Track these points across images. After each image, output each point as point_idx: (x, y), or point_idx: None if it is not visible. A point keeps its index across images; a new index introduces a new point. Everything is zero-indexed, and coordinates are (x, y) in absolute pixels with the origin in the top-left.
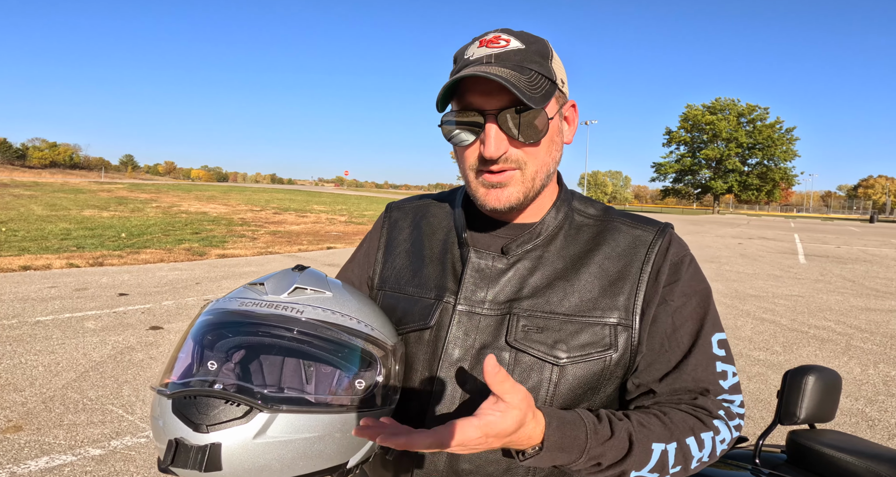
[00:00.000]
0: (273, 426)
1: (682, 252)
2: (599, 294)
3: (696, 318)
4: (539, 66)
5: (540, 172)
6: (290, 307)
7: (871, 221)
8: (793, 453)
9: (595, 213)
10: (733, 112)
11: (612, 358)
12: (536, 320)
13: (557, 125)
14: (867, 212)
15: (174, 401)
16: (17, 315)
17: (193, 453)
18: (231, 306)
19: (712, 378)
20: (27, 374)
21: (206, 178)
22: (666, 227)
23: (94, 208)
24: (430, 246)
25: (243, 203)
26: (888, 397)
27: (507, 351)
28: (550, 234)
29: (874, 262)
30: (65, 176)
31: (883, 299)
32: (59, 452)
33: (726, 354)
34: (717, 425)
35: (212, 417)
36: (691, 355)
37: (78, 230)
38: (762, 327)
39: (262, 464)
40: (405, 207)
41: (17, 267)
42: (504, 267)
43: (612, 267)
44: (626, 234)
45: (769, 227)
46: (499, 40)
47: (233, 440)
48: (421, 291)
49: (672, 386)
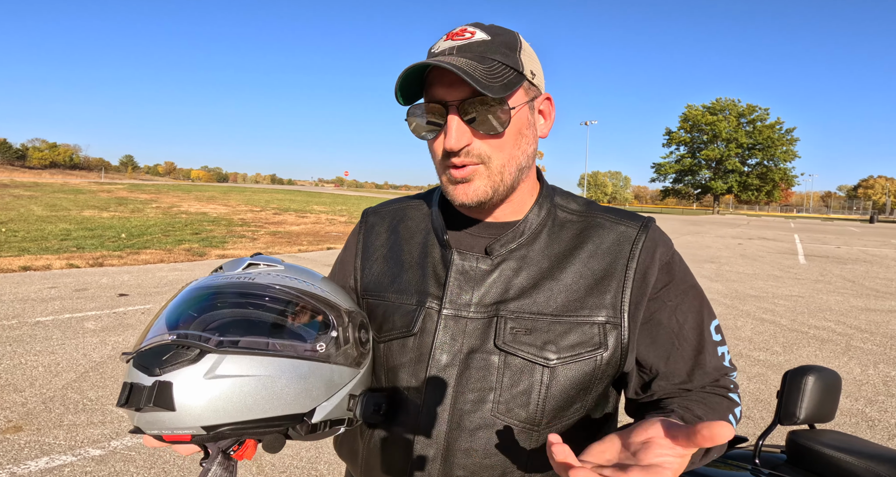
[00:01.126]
0: (223, 365)
1: (668, 251)
2: (586, 293)
3: (694, 311)
4: (503, 57)
5: (508, 166)
6: (241, 276)
7: (870, 222)
8: (793, 453)
9: (577, 208)
10: (733, 112)
11: (602, 357)
12: (524, 322)
13: (527, 117)
14: (867, 212)
15: (135, 358)
16: (17, 315)
17: (145, 392)
18: (192, 285)
19: (720, 363)
20: (27, 374)
21: (206, 178)
22: (648, 221)
23: (94, 209)
24: (408, 250)
25: (243, 203)
26: (888, 397)
27: (496, 354)
28: (534, 232)
29: (874, 262)
30: (65, 176)
31: (883, 299)
32: (59, 453)
33: (721, 337)
34: (735, 399)
35: (164, 361)
36: (704, 350)
37: (78, 231)
38: (762, 328)
39: (215, 402)
40: (381, 212)
41: (17, 267)
42: (489, 268)
43: (598, 265)
44: (609, 230)
45: (769, 228)
46: (464, 33)
47: (183, 379)
48: (401, 296)
49: (702, 381)
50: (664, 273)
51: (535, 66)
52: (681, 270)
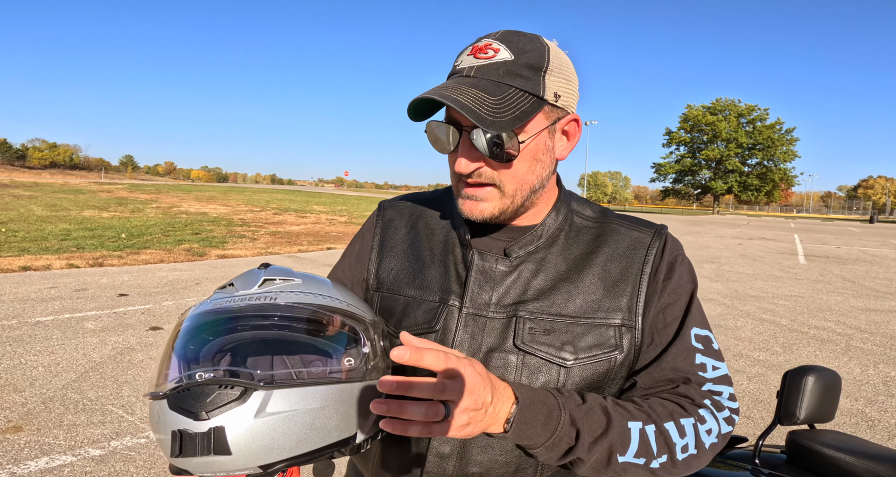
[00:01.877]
0: (271, 403)
1: (675, 251)
2: (603, 295)
3: (681, 313)
4: (523, 82)
5: (521, 190)
6: (263, 297)
7: (870, 222)
8: (793, 453)
9: (593, 215)
10: (733, 112)
11: (616, 359)
12: (543, 323)
13: (544, 143)
14: (867, 212)
15: (169, 399)
16: (17, 315)
17: (199, 440)
18: (206, 308)
19: (691, 368)
20: (27, 374)
21: (205, 178)
22: (662, 228)
23: (94, 209)
24: (429, 247)
25: (243, 203)
26: (888, 398)
27: (515, 354)
28: (551, 236)
29: (874, 262)
30: (65, 176)
31: (883, 300)
32: (59, 453)
33: (705, 348)
34: (703, 414)
35: (209, 404)
36: (671, 347)
37: (78, 231)
38: (762, 328)
39: (269, 441)
40: (399, 206)
41: (17, 267)
42: (507, 269)
43: (614, 268)
44: (625, 236)
45: (769, 228)
46: (487, 50)
47: (234, 421)
48: (423, 293)
49: (652, 375)
50: (667, 271)
51: (562, 86)
52: (681, 272)
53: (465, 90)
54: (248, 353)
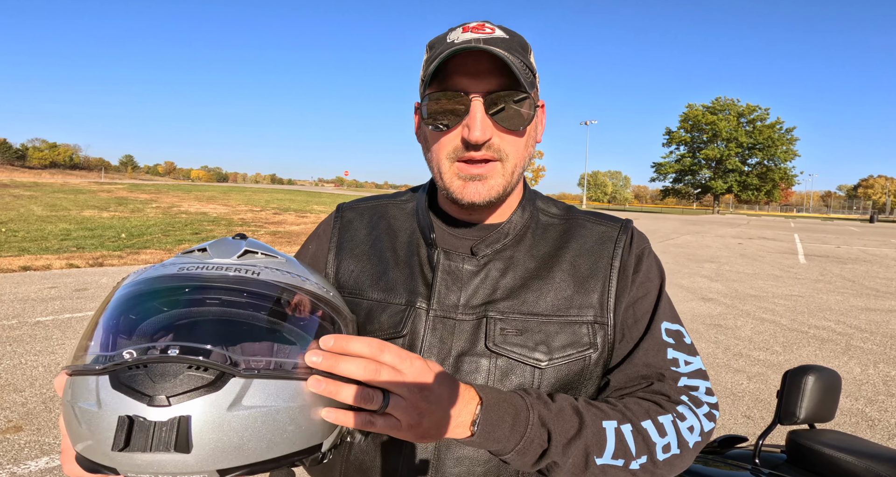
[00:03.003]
0: (248, 394)
1: (642, 244)
2: (574, 292)
3: (649, 308)
4: (523, 57)
5: (518, 167)
6: (243, 268)
7: (870, 221)
8: (793, 453)
9: (558, 212)
10: (733, 112)
11: (591, 357)
12: (515, 322)
13: (538, 120)
14: (867, 212)
15: (114, 376)
16: (17, 315)
17: (156, 431)
18: (169, 271)
19: (663, 363)
20: (27, 374)
21: (205, 178)
22: (627, 222)
23: (94, 209)
24: (392, 248)
25: (243, 203)
26: (888, 397)
27: (487, 357)
28: (518, 233)
29: (874, 262)
30: (65, 176)
31: (883, 299)
32: (59, 453)
33: (677, 342)
34: (682, 411)
35: (174, 386)
36: (641, 343)
37: (78, 231)
38: (762, 327)
39: (237, 441)
40: (359, 208)
41: (17, 267)
42: (475, 268)
43: (583, 264)
44: (591, 231)
45: (769, 227)
46: (484, 28)
47: (203, 412)
48: (388, 295)
49: (625, 373)
50: (635, 264)
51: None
52: (648, 266)
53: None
54: (217, 331)
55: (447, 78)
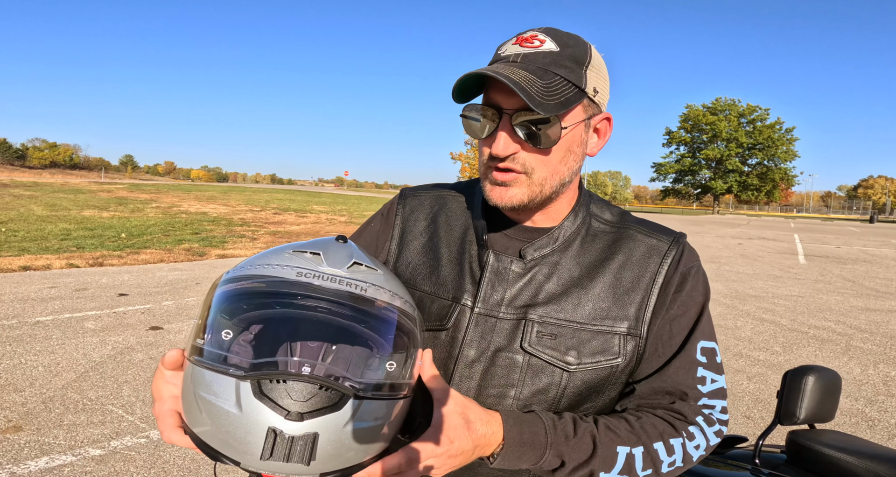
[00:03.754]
0: (359, 413)
1: (691, 262)
2: (612, 303)
3: (689, 326)
4: (567, 72)
5: (550, 180)
6: (353, 284)
7: (870, 222)
8: (793, 453)
9: (611, 218)
10: (734, 112)
11: (618, 366)
12: (550, 327)
13: (579, 135)
14: (867, 212)
15: (256, 384)
16: (17, 315)
17: (295, 445)
18: (289, 275)
19: (691, 382)
20: (27, 374)
21: (206, 178)
22: (680, 237)
23: (94, 209)
24: (447, 243)
25: (243, 203)
26: (888, 397)
27: (521, 355)
28: (567, 239)
29: (874, 262)
30: (65, 176)
31: (883, 299)
32: (59, 453)
33: (708, 361)
34: (693, 431)
35: (308, 404)
36: (675, 359)
37: (78, 230)
38: (762, 327)
39: (343, 453)
40: (421, 196)
41: (17, 267)
42: (521, 271)
43: (627, 276)
44: (641, 243)
45: (769, 228)
46: (534, 40)
47: (327, 429)
48: (438, 290)
49: (651, 385)
50: (679, 282)
51: (600, 83)
52: (693, 284)
53: (515, 71)
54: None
55: (488, 90)
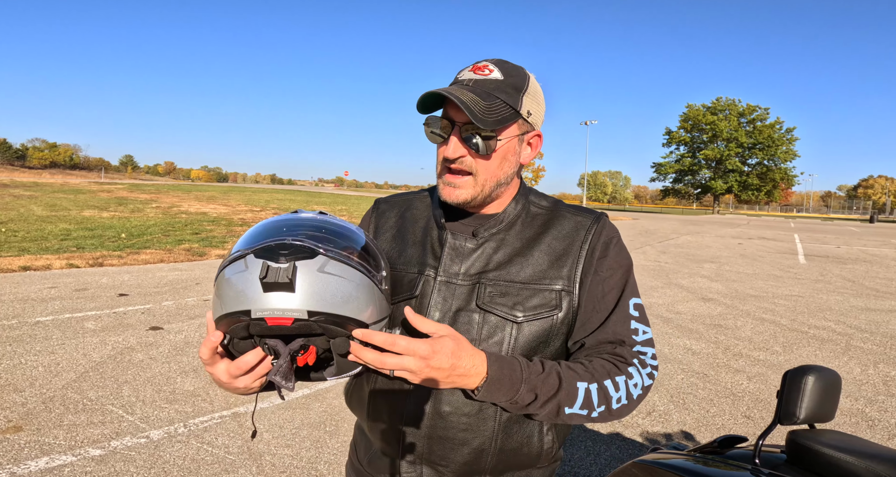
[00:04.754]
0: (329, 266)
1: (611, 234)
2: (548, 267)
3: (619, 287)
4: (507, 96)
5: (489, 181)
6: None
7: (870, 221)
8: (793, 453)
9: (546, 204)
10: (734, 112)
11: (558, 317)
12: (500, 287)
13: (514, 147)
14: (867, 212)
15: (256, 251)
16: (17, 315)
17: (280, 272)
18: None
19: (627, 332)
20: (27, 374)
21: (205, 178)
22: (601, 215)
23: (94, 209)
24: (412, 231)
25: (243, 203)
26: (888, 397)
27: (477, 312)
28: (511, 221)
29: (874, 262)
30: (65, 176)
31: (883, 299)
32: (59, 453)
33: (640, 315)
34: (631, 371)
35: (288, 254)
36: (612, 314)
37: (78, 231)
38: (762, 327)
39: (321, 291)
40: (392, 201)
41: (17, 267)
42: (474, 246)
43: (559, 245)
44: (569, 220)
45: (769, 228)
46: (485, 69)
47: (303, 267)
48: (406, 267)
49: (597, 338)
50: (603, 250)
51: (534, 107)
52: (616, 251)
53: (465, 93)
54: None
55: (445, 106)
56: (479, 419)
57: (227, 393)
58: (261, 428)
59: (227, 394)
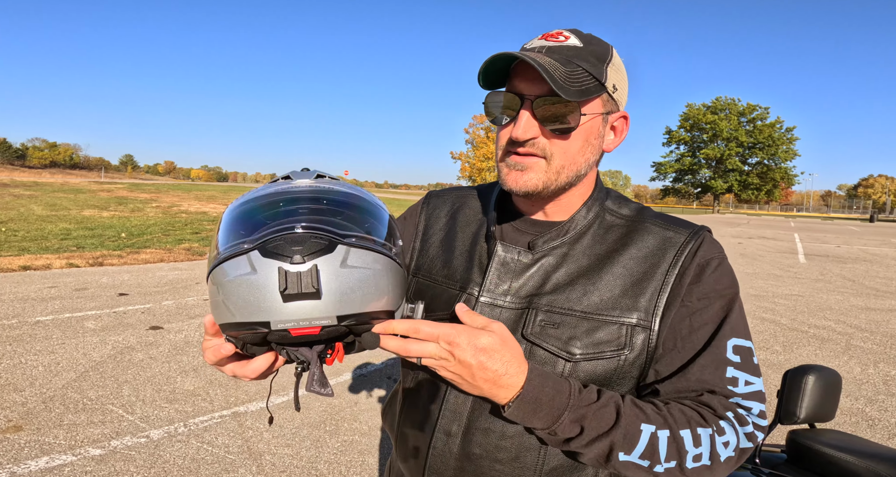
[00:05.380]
0: (351, 257)
1: (710, 254)
2: (621, 294)
3: (714, 321)
4: (589, 66)
5: (567, 168)
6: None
7: (870, 221)
8: (793, 453)
9: (628, 213)
10: (734, 111)
11: (626, 358)
12: (554, 316)
13: (597, 128)
14: (867, 211)
15: (261, 248)
16: (17, 315)
17: (301, 278)
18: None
19: (719, 381)
20: (27, 374)
21: (206, 177)
22: (700, 229)
23: (94, 208)
24: (462, 237)
25: None
26: (888, 397)
27: (523, 344)
28: (579, 232)
29: (874, 261)
30: (65, 176)
31: (883, 299)
32: (59, 452)
33: (742, 361)
34: (723, 426)
35: (305, 249)
36: (700, 357)
37: (78, 230)
38: (762, 327)
39: (349, 291)
40: (445, 197)
41: (17, 267)
42: (529, 262)
43: (638, 268)
44: (655, 236)
45: (769, 227)
46: (559, 36)
47: (325, 266)
48: (448, 281)
49: (675, 385)
50: (696, 274)
51: (619, 82)
52: (715, 276)
53: (541, 57)
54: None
55: (511, 78)
56: (517, 467)
57: (228, 393)
58: (261, 428)
59: (228, 394)
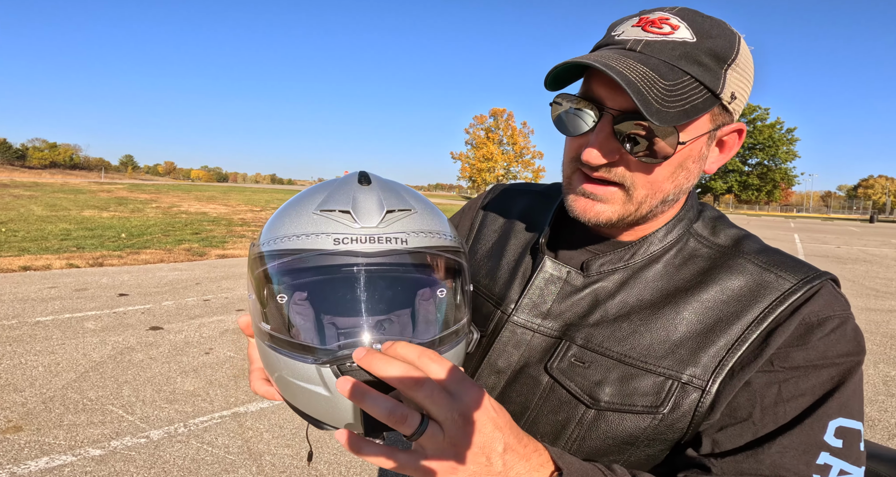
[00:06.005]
0: None
1: (825, 312)
2: (679, 342)
3: (816, 393)
4: (701, 71)
5: (651, 199)
6: (392, 238)
7: (870, 221)
8: None
9: (720, 242)
10: None
11: (662, 416)
12: (588, 353)
13: (699, 149)
14: (867, 212)
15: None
16: (17, 315)
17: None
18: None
19: (803, 470)
20: (27, 374)
21: (205, 178)
22: (817, 277)
23: (94, 209)
24: (513, 245)
25: (243, 203)
26: (888, 397)
27: (545, 377)
28: (649, 257)
29: (874, 262)
30: (65, 176)
31: (883, 299)
32: (59, 452)
33: (845, 446)
34: None
35: None
36: (783, 436)
37: (78, 230)
38: None
39: None
40: (511, 193)
41: (17, 267)
42: (579, 285)
43: (711, 314)
44: (749, 277)
45: (769, 227)
46: (663, 24)
47: None
48: (488, 293)
49: (740, 466)
50: (800, 334)
51: (741, 88)
52: (828, 342)
53: (632, 65)
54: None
55: (589, 79)
56: None
57: (228, 393)
58: (260, 428)
59: (228, 394)
